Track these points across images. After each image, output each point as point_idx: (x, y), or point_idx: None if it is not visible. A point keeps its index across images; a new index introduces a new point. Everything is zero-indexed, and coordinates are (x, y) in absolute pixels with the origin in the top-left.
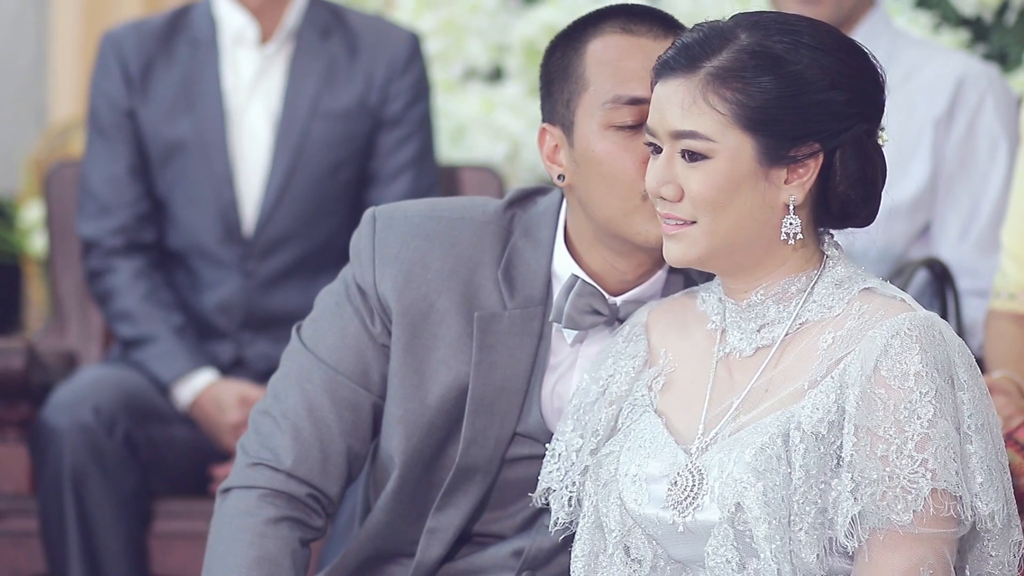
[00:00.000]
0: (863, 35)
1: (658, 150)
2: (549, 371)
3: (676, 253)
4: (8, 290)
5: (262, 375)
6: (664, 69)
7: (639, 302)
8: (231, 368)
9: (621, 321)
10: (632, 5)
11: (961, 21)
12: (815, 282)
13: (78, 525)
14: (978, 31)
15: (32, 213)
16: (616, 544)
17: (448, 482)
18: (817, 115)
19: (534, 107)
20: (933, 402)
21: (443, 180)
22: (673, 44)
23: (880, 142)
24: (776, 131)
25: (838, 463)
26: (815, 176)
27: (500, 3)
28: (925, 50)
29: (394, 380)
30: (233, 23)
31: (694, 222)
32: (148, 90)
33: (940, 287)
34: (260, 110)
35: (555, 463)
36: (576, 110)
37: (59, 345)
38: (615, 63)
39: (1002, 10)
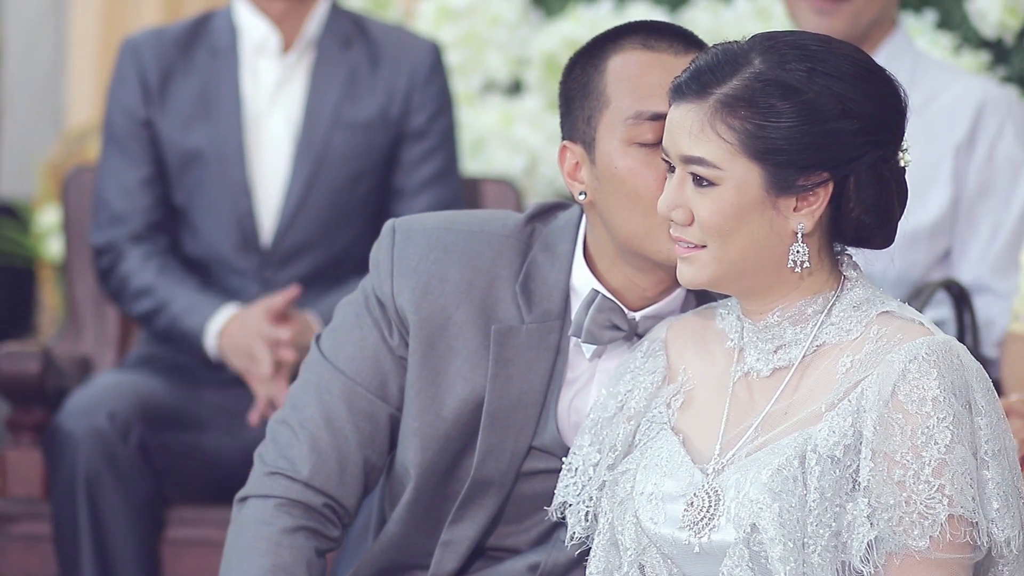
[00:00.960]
0: (885, 57)
1: (672, 170)
2: (566, 385)
3: (688, 275)
4: (22, 294)
5: None
6: (677, 93)
7: (658, 317)
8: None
9: (640, 336)
10: (652, 22)
11: (982, 43)
12: (832, 304)
13: (91, 530)
14: (999, 53)
15: (47, 217)
16: (631, 562)
17: (463, 495)
18: (827, 144)
19: (553, 121)
20: (951, 427)
21: (461, 192)
22: (688, 67)
23: (902, 163)
24: (784, 160)
25: (853, 487)
26: (825, 204)
27: (520, 16)
28: (946, 74)
29: (410, 392)
30: (255, 31)
31: (704, 246)
32: (166, 99)
33: (958, 309)
34: (280, 119)
35: (572, 477)
36: (597, 127)
37: (74, 350)
38: (636, 79)
39: (1023, 32)
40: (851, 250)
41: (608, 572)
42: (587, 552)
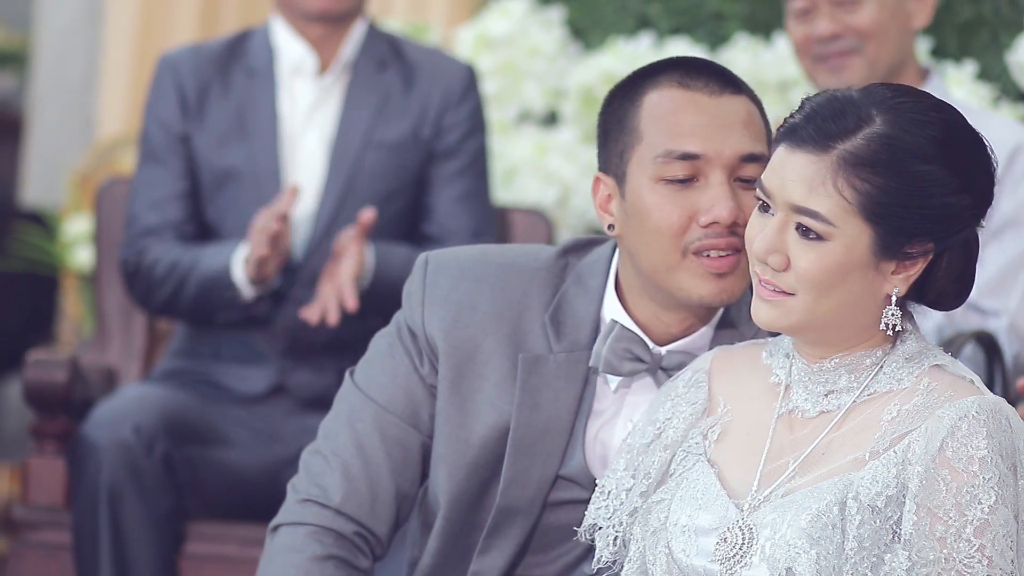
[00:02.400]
0: None
1: (765, 209)
2: (593, 416)
3: (767, 317)
4: (45, 302)
5: (304, 403)
6: (793, 137)
7: (685, 353)
8: (270, 394)
9: (665, 371)
10: (690, 59)
11: (1020, 96)
12: (888, 355)
13: (111, 541)
14: None
15: (75, 227)
16: None
17: (490, 524)
18: (940, 216)
19: (587, 153)
20: (995, 488)
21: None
22: (805, 109)
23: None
24: (897, 227)
25: (893, 537)
26: (921, 271)
27: (559, 48)
28: (981, 119)
29: (440, 419)
30: (292, 53)
31: (793, 294)
32: (204, 116)
33: (988, 360)
34: (315, 139)
35: (604, 500)
36: (629, 161)
37: (100, 361)
38: (669, 117)
39: None
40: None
41: None
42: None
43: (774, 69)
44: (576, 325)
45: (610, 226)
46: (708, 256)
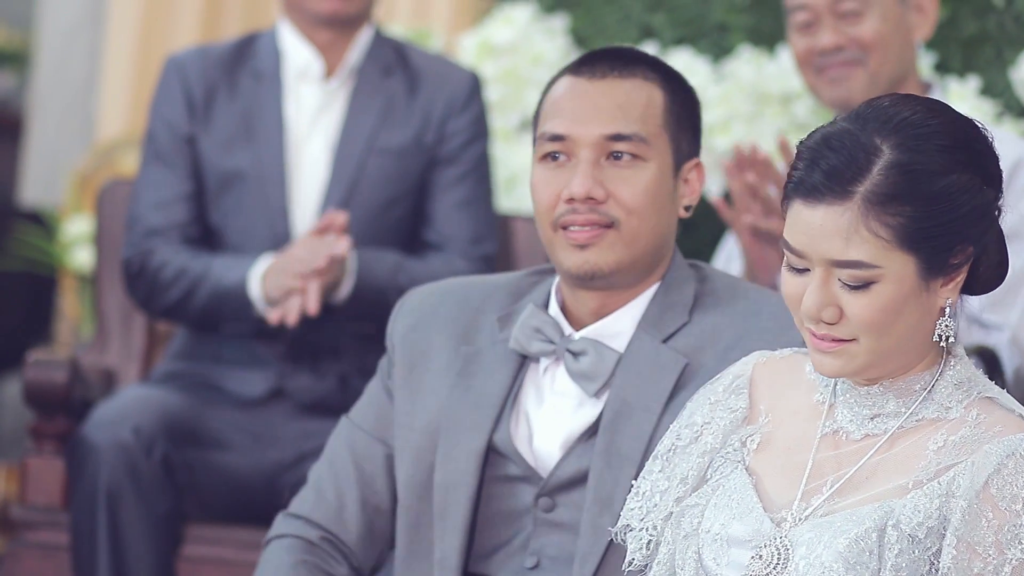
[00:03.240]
0: None
1: (799, 271)
2: (523, 396)
3: (833, 368)
4: (43, 302)
5: (303, 407)
6: (806, 192)
7: (593, 340)
8: (269, 398)
9: (573, 354)
10: (607, 48)
11: (1023, 111)
12: (936, 379)
13: (109, 542)
14: None
15: (74, 227)
16: None
17: (436, 503)
18: (971, 220)
19: None
20: None
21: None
22: (815, 166)
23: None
24: (937, 245)
25: (930, 569)
26: (966, 272)
27: (562, 56)
28: None
29: (397, 416)
30: (299, 58)
31: (854, 340)
32: (210, 118)
33: (989, 375)
34: (319, 144)
35: (637, 501)
36: (533, 145)
37: (100, 362)
38: (553, 103)
39: None
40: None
41: None
42: None
43: (777, 81)
44: (519, 319)
45: None
46: (571, 230)
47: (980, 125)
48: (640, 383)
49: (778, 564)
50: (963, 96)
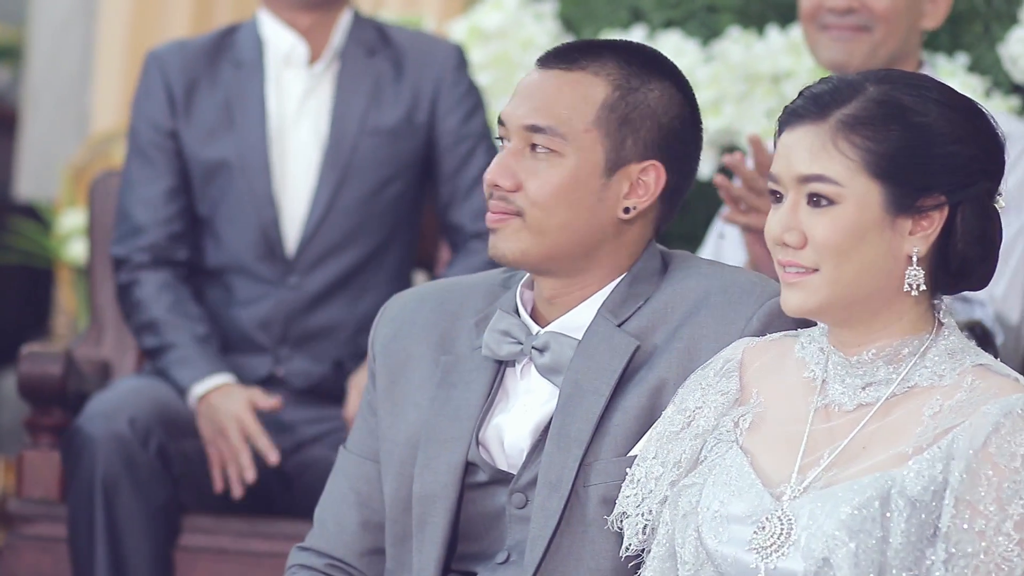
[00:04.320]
0: None
1: (779, 199)
2: (498, 403)
3: (795, 302)
4: (39, 295)
5: (299, 393)
6: (792, 117)
7: (556, 334)
8: (263, 383)
9: (538, 351)
10: (581, 41)
11: (1012, 88)
12: (928, 347)
13: (106, 534)
14: None
15: (69, 220)
16: None
17: (416, 514)
18: (944, 167)
19: None
20: None
21: None
22: (801, 94)
23: (997, 206)
24: (904, 180)
25: (934, 533)
26: (939, 229)
27: (552, 40)
28: None
29: (381, 430)
30: (281, 43)
31: (816, 270)
32: (191, 110)
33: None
34: (307, 129)
35: (632, 488)
36: None
37: (95, 354)
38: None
39: None
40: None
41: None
42: (634, 563)
43: (767, 61)
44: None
45: None
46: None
47: (988, 113)
48: (592, 366)
49: (782, 535)
50: (952, 73)
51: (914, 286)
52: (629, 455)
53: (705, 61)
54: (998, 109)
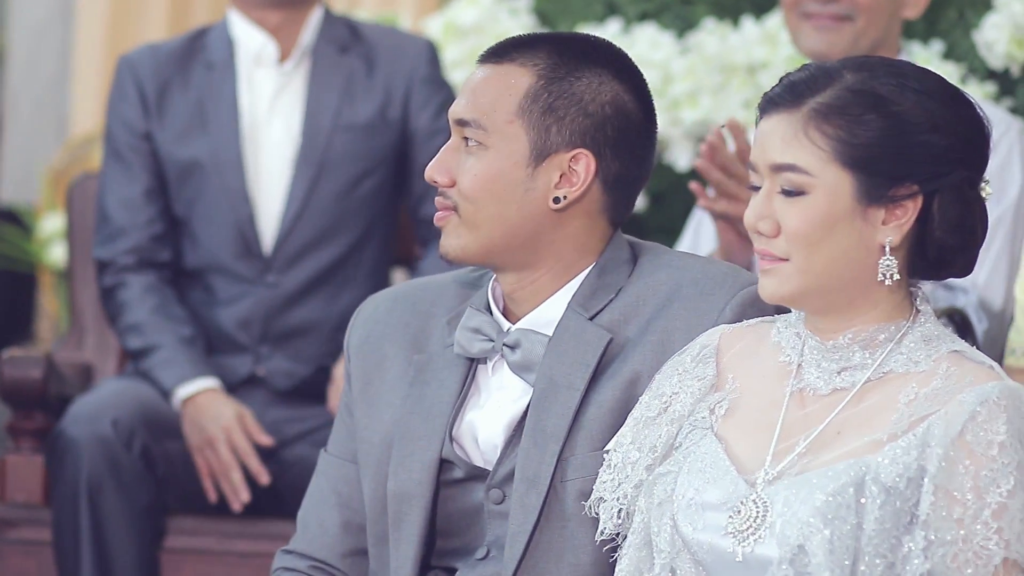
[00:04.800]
0: None
1: (756, 188)
2: (472, 400)
3: (769, 289)
4: (23, 300)
5: (281, 393)
6: (769, 104)
7: (527, 331)
8: (245, 383)
9: (510, 348)
10: (518, 36)
11: (988, 74)
12: (904, 333)
13: (92, 537)
14: (1005, 85)
15: (50, 224)
16: (663, 565)
17: (391, 513)
18: (917, 156)
19: None
20: (1014, 473)
21: None
22: (780, 82)
23: (983, 195)
24: (875, 170)
25: (911, 520)
26: (913, 219)
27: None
28: None
29: (358, 431)
30: (251, 43)
31: (787, 259)
32: (163, 112)
33: (961, 337)
34: (280, 127)
35: (609, 473)
36: None
37: (76, 357)
38: None
39: None
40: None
41: (638, 572)
42: (611, 549)
43: (742, 52)
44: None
45: None
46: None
47: (974, 102)
48: (565, 361)
49: (757, 518)
50: (927, 60)
51: (888, 276)
52: (606, 449)
53: (681, 53)
54: (974, 96)
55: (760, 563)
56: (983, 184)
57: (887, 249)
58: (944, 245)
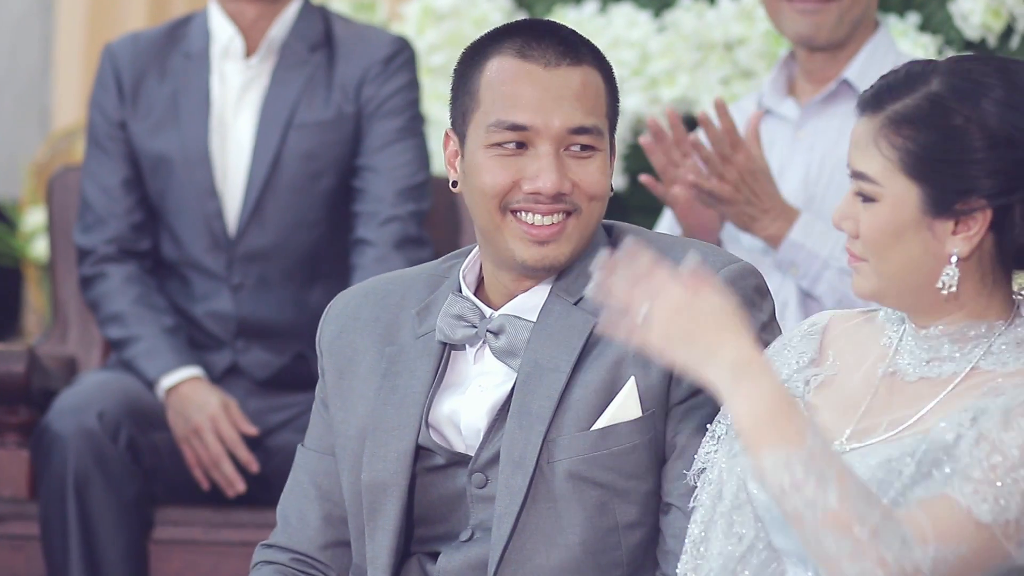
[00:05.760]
0: (867, 57)
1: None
2: (449, 388)
3: (856, 286)
4: (9, 294)
5: (260, 383)
6: (860, 107)
7: (511, 316)
8: (225, 375)
9: (493, 334)
10: (537, 24)
11: (965, 45)
12: (998, 333)
13: (79, 530)
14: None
15: (34, 218)
16: (723, 514)
17: (365, 504)
18: (982, 172)
19: None
20: None
21: (440, 192)
22: (876, 82)
23: None
24: (940, 182)
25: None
26: (984, 230)
27: (505, 18)
28: None
29: (334, 424)
30: (223, 35)
31: (866, 260)
32: (138, 102)
33: None
34: (245, 121)
35: (713, 444)
36: (469, 124)
37: (60, 351)
38: (504, 87)
39: (1006, 34)
40: None
41: (711, 522)
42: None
43: (719, 29)
44: (437, 309)
45: (453, 183)
46: (529, 220)
47: None
48: (551, 344)
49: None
50: (903, 32)
51: (946, 284)
52: (592, 429)
53: (658, 32)
54: None
55: None
56: None
57: (954, 260)
58: None
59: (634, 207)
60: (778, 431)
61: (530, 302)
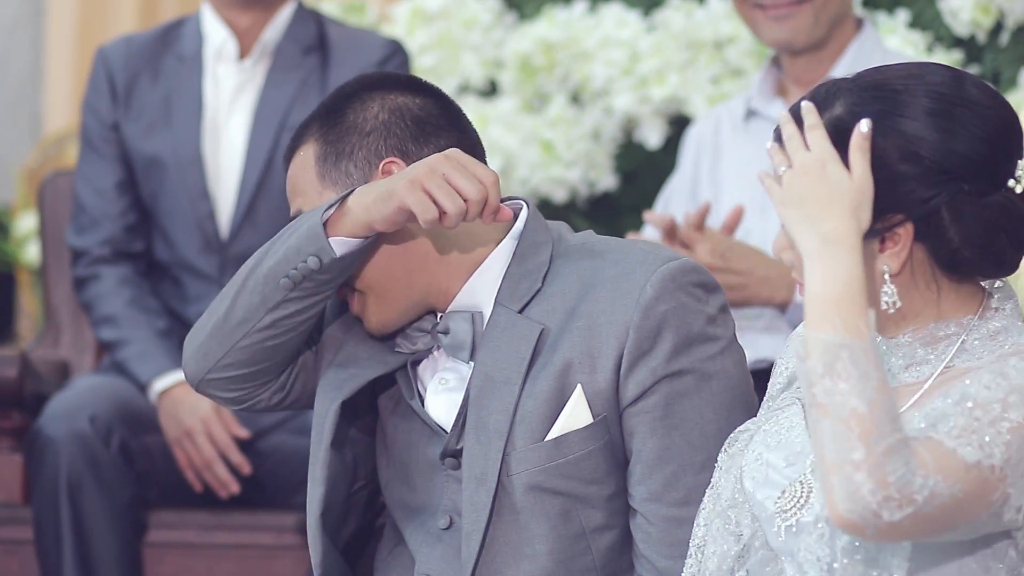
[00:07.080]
0: (853, 56)
1: None
2: (430, 393)
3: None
4: (1, 299)
5: None
6: (775, 138)
7: (454, 314)
8: None
9: (444, 334)
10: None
11: (955, 42)
12: (968, 329)
13: (73, 534)
14: (971, 52)
15: (26, 223)
16: (720, 513)
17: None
18: (894, 189)
19: (528, 122)
20: None
21: None
22: (792, 107)
23: (1018, 190)
24: None
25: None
26: (909, 244)
27: (495, 18)
28: None
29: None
30: (216, 37)
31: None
32: (131, 104)
33: None
34: (238, 124)
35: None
36: None
37: (52, 355)
38: None
39: (996, 30)
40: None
41: (713, 514)
42: (567, 537)
43: (708, 28)
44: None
45: None
46: None
47: (984, 105)
48: (500, 356)
49: (800, 498)
50: (892, 29)
51: (890, 303)
52: (546, 440)
53: (647, 31)
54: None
55: (803, 528)
56: (1013, 182)
57: (886, 277)
58: (961, 259)
59: (625, 206)
60: (841, 316)
61: (470, 301)
